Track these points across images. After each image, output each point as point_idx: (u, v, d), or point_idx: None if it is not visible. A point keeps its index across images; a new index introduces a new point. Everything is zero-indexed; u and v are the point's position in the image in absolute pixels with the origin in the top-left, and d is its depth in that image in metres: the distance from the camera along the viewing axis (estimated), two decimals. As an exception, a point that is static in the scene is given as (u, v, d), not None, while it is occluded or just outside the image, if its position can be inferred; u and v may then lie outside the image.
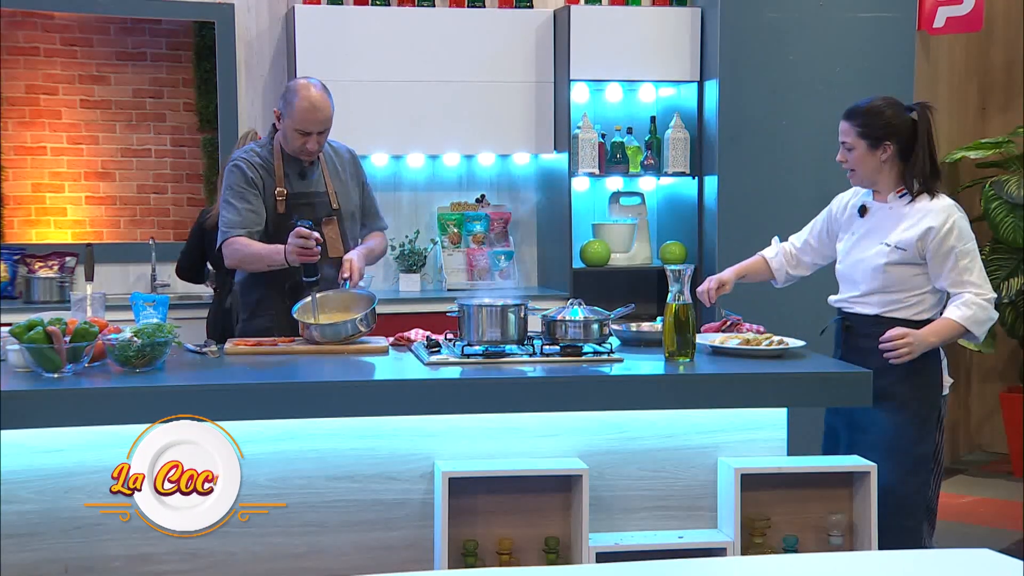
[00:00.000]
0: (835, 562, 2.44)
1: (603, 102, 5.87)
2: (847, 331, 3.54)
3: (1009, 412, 6.23)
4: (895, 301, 3.45)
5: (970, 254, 3.39)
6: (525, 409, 3.14)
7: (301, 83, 3.78)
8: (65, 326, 2.99)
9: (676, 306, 3.28)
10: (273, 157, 3.83)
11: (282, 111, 3.77)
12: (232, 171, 3.82)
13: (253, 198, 3.78)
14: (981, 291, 3.38)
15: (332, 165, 3.94)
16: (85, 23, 5.85)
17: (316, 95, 3.73)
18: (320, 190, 3.87)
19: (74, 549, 3.01)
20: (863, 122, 3.45)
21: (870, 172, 3.48)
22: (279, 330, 3.73)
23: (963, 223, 3.41)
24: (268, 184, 3.80)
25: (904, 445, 3.43)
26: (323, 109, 3.74)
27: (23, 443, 2.96)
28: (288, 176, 3.83)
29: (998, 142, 6.13)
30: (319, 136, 3.76)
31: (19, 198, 5.82)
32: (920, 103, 3.49)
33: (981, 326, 3.39)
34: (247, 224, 3.76)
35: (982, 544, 2.60)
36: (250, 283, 3.88)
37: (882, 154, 3.45)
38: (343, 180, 3.95)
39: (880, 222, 3.49)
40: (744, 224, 5.35)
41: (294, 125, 3.73)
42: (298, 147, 3.77)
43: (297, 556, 3.13)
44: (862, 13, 5.41)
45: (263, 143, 3.90)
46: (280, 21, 5.69)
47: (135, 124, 5.95)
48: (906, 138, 3.44)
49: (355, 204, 3.98)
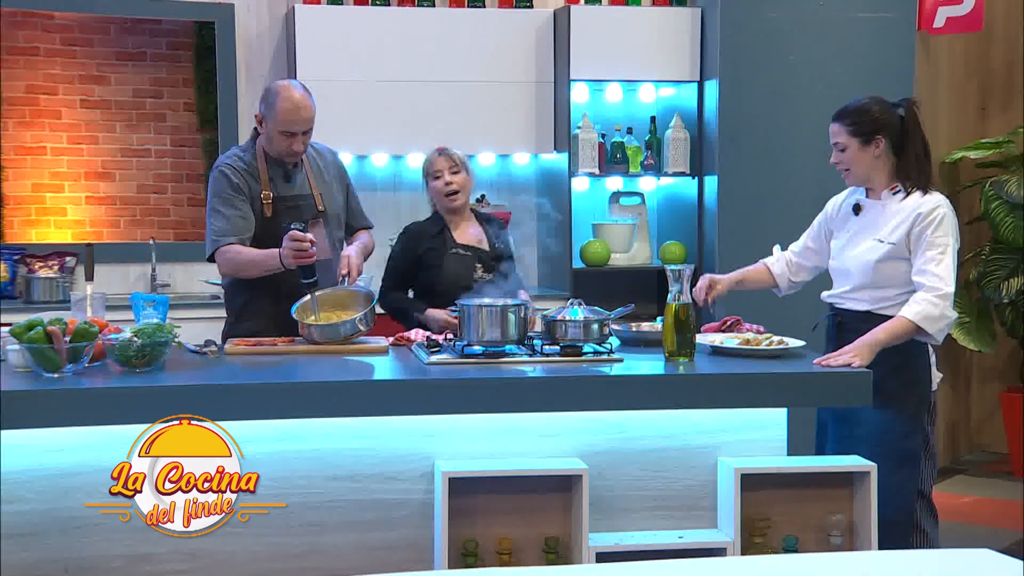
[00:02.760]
0: (835, 562, 2.44)
1: (603, 102, 5.87)
2: (839, 327, 3.55)
3: (1009, 412, 6.23)
4: (886, 298, 3.46)
5: (942, 247, 3.37)
6: (525, 409, 3.14)
7: (281, 84, 3.79)
8: (65, 326, 2.99)
9: (676, 306, 3.28)
10: (257, 161, 3.83)
11: (264, 114, 3.77)
12: (217, 178, 3.80)
13: (241, 204, 3.77)
14: (939, 286, 3.33)
15: (316, 167, 3.94)
16: (85, 23, 5.85)
17: (298, 96, 3.74)
18: (305, 192, 3.87)
19: (74, 549, 3.01)
20: (853, 120, 3.48)
21: (865, 169, 3.50)
22: (266, 333, 3.73)
23: (949, 218, 3.41)
24: (254, 188, 3.80)
25: (892, 440, 3.44)
26: (305, 108, 3.75)
27: (23, 443, 2.96)
28: (273, 180, 3.83)
29: (998, 142, 6.13)
30: (304, 136, 3.77)
31: (19, 198, 5.82)
32: (905, 99, 3.52)
33: (934, 323, 3.31)
34: (237, 231, 3.75)
35: (982, 544, 2.60)
36: (235, 288, 3.89)
37: (875, 149, 3.47)
38: (327, 182, 3.95)
39: (873, 219, 3.51)
40: (744, 224, 5.35)
41: (278, 127, 3.73)
42: (283, 149, 3.77)
43: (297, 556, 3.12)
44: (862, 13, 5.41)
45: (245, 147, 3.89)
46: (280, 21, 5.69)
47: (135, 124, 5.95)
48: (896, 133, 3.48)
49: (340, 205, 3.99)
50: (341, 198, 4.01)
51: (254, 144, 3.87)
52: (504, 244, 4.18)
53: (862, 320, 3.46)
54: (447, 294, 3.81)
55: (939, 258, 3.36)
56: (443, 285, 3.98)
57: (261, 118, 3.79)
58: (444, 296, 3.86)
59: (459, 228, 4.15)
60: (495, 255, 4.11)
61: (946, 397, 6.42)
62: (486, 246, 4.14)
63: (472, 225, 4.19)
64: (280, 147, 3.78)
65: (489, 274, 4.00)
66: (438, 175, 4.10)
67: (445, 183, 4.09)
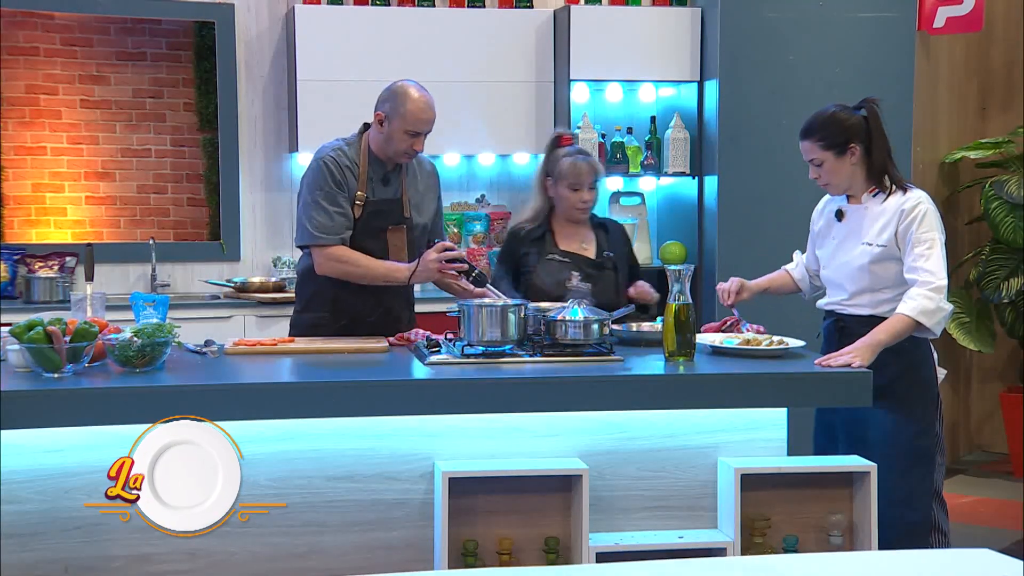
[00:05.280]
0: (835, 562, 2.44)
1: (603, 102, 5.87)
2: (841, 331, 3.55)
3: (1009, 412, 6.23)
4: (886, 300, 3.46)
5: (929, 241, 3.38)
6: (525, 409, 3.14)
7: (407, 84, 3.76)
8: (65, 326, 2.99)
9: (676, 306, 3.28)
10: (359, 159, 3.80)
11: (387, 114, 3.72)
12: (320, 169, 3.74)
13: (343, 201, 3.73)
14: (931, 280, 3.34)
15: (412, 175, 3.90)
16: (85, 23, 5.85)
17: (425, 96, 3.73)
18: (397, 197, 3.84)
19: (74, 549, 3.01)
20: (823, 135, 3.50)
21: (845, 179, 3.52)
22: (325, 327, 3.74)
23: (932, 212, 3.43)
24: (352, 186, 3.76)
25: (905, 440, 3.44)
26: (432, 109, 3.74)
27: (23, 443, 2.96)
28: (371, 180, 3.80)
29: (998, 142, 6.13)
30: (424, 137, 3.75)
31: (19, 198, 5.82)
32: (865, 100, 3.53)
33: (931, 317, 3.32)
34: (339, 230, 3.72)
35: (982, 544, 2.60)
36: (307, 276, 3.87)
37: (851, 158, 3.49)
38: (420, 191, 3.91)
39: (858, 223, 3.52)
40: (744, 224, 5.36)
41: (404, 127, 3.69)
42: (404, 148, 3.73)
43: (297, 556, 3.13)
44: (862, 13, 5.41)
45: (350, 142, 3.83)
46: (280, 21, 5.69)
47: (135, 124, 5.95)
48: (866, 136, 3.49)
49: (428, 216, 3.93)
50: (431, 209, 3.95)
51: (359, 141, 3.83)
52: (615, 253, 4.01)
53: (865, 324, 3.44)
54: (538, 300, 3.68)
55: (928, 253, 3.37)
56: (534, 290, 3.86)
57: (383, 117, 3.73)
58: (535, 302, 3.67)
59: (563, 233, 4.01)
60: (596, 263, 3.97)
61: (946, 397, 6.41)
62: (590, 254, 3.98)
63: (581, 231, 4.03)
64: (400, 147, 3.73)
65: (586, 283, 3.81)
66: (577, 187, 3.92)
67: (583, 200, 3.93)
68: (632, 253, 4.14)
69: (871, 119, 3.50)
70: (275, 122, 5.69)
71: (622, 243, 4.10)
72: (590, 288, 3.61)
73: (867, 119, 3.50)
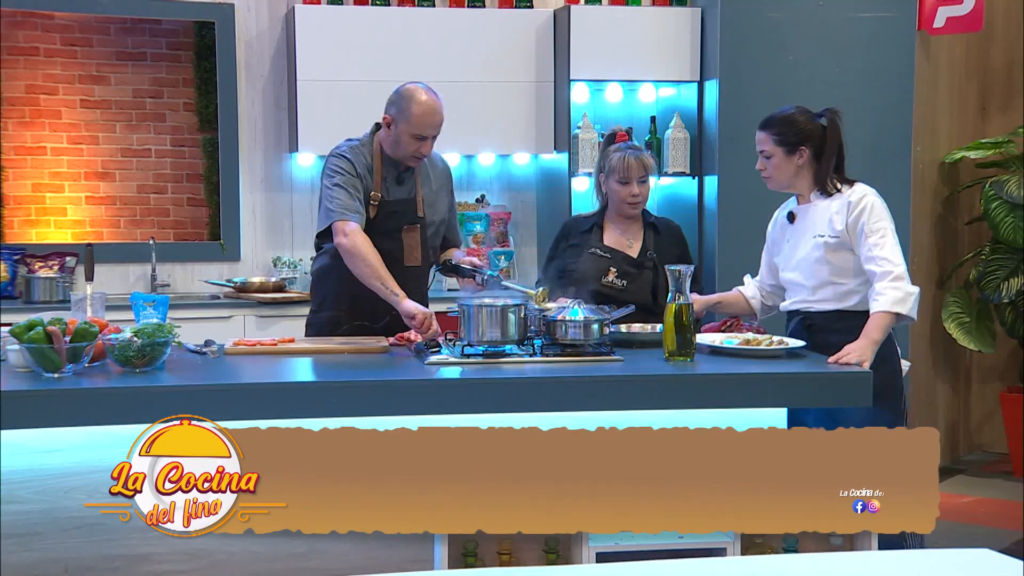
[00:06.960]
0: (835, 562, 2.44)
1: (603, 102, 5.87)
2: (809, 330, 3.58)
3: (1009, 412, 6.23)
4: (848, 292, 3.52)
5: (881, 231, 3.46)
6: (525, 409, 3.13)
7: (414, 88, 3.77)
8: (65, 326, 2.99)
9: (676, 306, 3.28)
10: (373, 160, 3.81)
11: (395, 117, 3.74)
12: (339, 159, 3.76)
13: (361, 191, 3.75)
14: (891, 269, 3.40)
15: (425, 173, 3.90)
16: (85, 23, 5.86)
17: (432, 100, 3.73)
18: (411, 197, 3.85)
19: (74, 549, 3.01)
20: (779, 131, 3.61)
21: (787, 177, 3.62)
22: (342, 326, 3.75)
23: (878, 203, 3.50)
24: (368, 185, 3.78)
25: None
26: (439, 112, 3.74)
27: (23, 443, 2.96)
28: (386, 180, 3.81)
29: (998, 142, 6.13)
30: (432, 140, 3.76)
31: (19, 198, 5.82)
32: (828, 109, 3.62)
33: (904, 304, 3.38)
34: (360, 210, 3.72)
35: (982, 544, 2.60)
36: (325, 273, 3.87)
37: (798, 159, 3.59)
38: (434, 190, 3.91)
39: (810, 220, 3.60)
40: (744, 224, 5.34)
41: (411, 130, 3.71)
42: (412, 151, 3.75)
43: (297, 556, 3.12)
44: (862, 13, 5.41)
45: (363, 142, 3.84)
46: (280, 21, 5.69)
47: (135, 124, 5.96)
48: (819, 143, 3.58)
49: (442, 215, 3.94)
50: (444, 207, 3.96)
51: (371, 141, 3.83)
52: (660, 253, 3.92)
53: (833, 319, 3.52)
54: (573, 292, 3.66)
55: (882, 242, 3.44)
56: (569, 281, 3.81)
57: (391, 120, 3.75)
58: (570, 293, 3.66)
59: (612, 229, 3.98)
60: (636, 262, 3.92)
61: (946, 397, 6.43)
62: (632, 252, 3.94)
63: (632, 228, 3.99)
64: (408, 150, 3.75)
65: (622, 280, 3.80)
66: (626, 181, 3.89)
67: (632, 194, 3.90)
68: (687, 254, 4.05)
69: (829, 128, 3.59)
70: (275, 122, 5.70)
71: (673, 244, 4.02)
72: (624, 285, 3.59)
73: (825, 128, 3.59)
